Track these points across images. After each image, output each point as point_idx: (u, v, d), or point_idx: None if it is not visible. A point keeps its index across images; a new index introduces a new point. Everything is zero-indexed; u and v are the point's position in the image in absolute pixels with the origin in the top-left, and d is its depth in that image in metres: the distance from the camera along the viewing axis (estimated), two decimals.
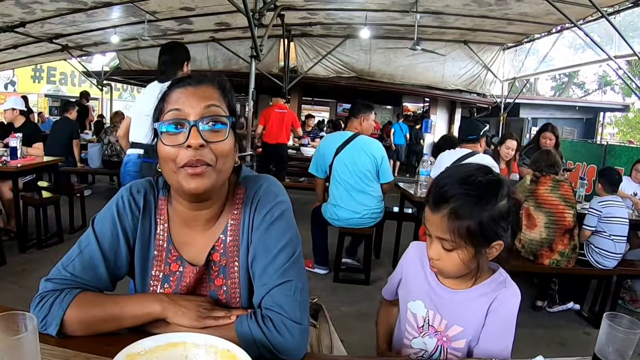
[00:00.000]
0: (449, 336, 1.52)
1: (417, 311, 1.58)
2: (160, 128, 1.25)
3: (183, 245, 1.41)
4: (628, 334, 1.22)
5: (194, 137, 1.21)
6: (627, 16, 7.93)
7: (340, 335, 1.79)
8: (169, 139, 1.25)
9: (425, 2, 8.83)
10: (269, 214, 1.38)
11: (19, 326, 0.95)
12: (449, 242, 1.39)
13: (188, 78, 1.32)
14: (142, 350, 1.07)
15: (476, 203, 1.35)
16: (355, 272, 5.43)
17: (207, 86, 1.31)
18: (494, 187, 1.39)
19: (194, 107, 1.25)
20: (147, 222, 1.42)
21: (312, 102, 23.01)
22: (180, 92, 1.28)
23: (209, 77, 1.34)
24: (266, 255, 1.35)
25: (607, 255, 4.33)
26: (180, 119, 1.24)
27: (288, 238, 1.37)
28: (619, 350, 1.23)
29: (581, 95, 33.05)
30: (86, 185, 7.61)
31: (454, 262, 1.42)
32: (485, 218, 1.35)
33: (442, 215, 1.38)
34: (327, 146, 5.15)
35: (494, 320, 1.47)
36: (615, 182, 4.62)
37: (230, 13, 9.33)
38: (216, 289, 1.41)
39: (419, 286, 1.59)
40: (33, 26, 9.86)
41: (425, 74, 12.80)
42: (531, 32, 10.83)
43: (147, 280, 1.42)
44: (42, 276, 1.31)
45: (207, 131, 1.25)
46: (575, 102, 21.82)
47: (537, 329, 4.41)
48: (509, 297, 1.48)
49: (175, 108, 1.25)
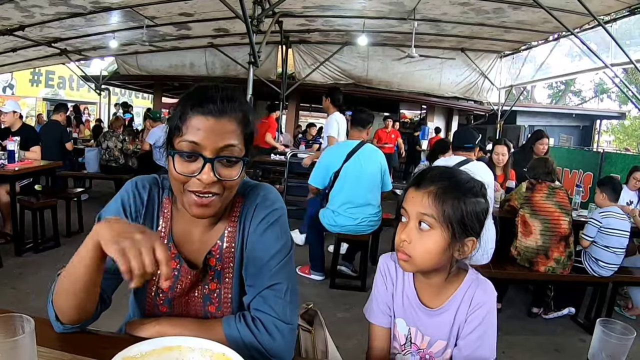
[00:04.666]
0: (433, 352, 1.52)
1: (399, 329, 1.57)
2: (174, 153, 1.26)
3: (182, 244, 1.44)
4: (621, 339, 1.24)
5: (207, 173, 1.23)
6: (624, 24, 7.96)
7: (336, 341, 1.80)
8: (181, 165, 1.25)
9: (422, 9, 8.85)
10: (264, 220, 1.40)
11: (16, 328, 0.96)
12: (429, 217, 1.37)
13: (212, 102, 1.26)
14: (138, 354, 1.08)
15: (460, 189, 1.38)
16: (351, 279, 5.43)
17: (228, 120, 1.27)
18: (477, 186, 1.42)
19: (212, 144, 1.24)
20: (150, 217, 1.44)
21: (310, 109, 23.03)
22: (200, 120, 1.24)
23: (232, 107, 1.28)
24: (260, 259, 1.37)
25: (605, 266, 4.33)
26: (196, 153, 1.24)
27: (282, 243, 1.40)
28: (612, 356, 1.25)
29: (578, 103, 33.16)
30: (83, 189, 7.59)
31: (425, 247, 1.38)
32: (467, 206, 1.37)
33: (426, 191, 1.38)
34: (333, 156, 5.16)
35: (475, 323, 1.46)
36: (619, 190, 4.64)
37: (228, 19, 9.35)
38: (210, 292, 1.44)
39: (398, 304, 1.57)
40: (32, 30, 9.89)
41: (422, 81, 12.82)
42: (528, 40, 10.87)
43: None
44: (38, 279, 1.33)
45: (221, 167, 1.26)
46: (571, 110, 21.89)
47: (533, 335, 4.43)
48: (485, 296, 1.48)
49: (193, 141, 1.24)
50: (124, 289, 1.52)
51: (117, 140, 8.22)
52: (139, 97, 26.07)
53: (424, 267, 1.44)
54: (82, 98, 21.43)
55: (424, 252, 1.39)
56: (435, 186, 1.38)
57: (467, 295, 1.48)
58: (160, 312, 1.46)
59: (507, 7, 8.20)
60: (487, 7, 8.37)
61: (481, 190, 1.43)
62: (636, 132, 26.94)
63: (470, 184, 1.41)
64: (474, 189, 1.40)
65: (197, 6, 8.92)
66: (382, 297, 1.59)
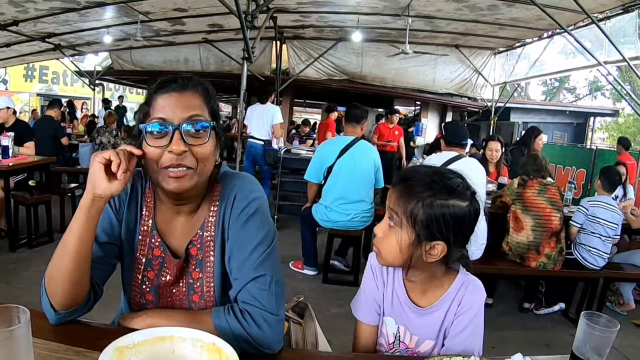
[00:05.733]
0: (421, 352, 1.53)
1: (388, 327, 1.58)
2: (145, 129, 1.31)
3: (166, 233, 1.47)
4: (605, 332, 1.25)
5: (177, 143, 1.28)
6: (618, 22, 7.96)
7: (330, 336, 1.82)
8: (152, 140, 1.30)
9: (417, 6, 8.84)
10: (244, 210, 1.43)
11: (12, 319, 0.98)
12: (395, 214, 1.39)
13: (173, 82, 1.34)
14: (131, 344, 1.11)
15: (430, 189, 1.36)
16: (344, 274, 5.45)
17: (190, 93, 1.34)
18: (456, 187, 1.39)
19: (178, 116, 1.30)
20: (134, 206, 1.48)
21: (304, 105, 23.02)
22: (164, 98, 1.32)
23: (193, 83, 1.36)
24: (242, 251, 1.40)
25: (595, 253, 4.40)
26: (165, 123, 1.29)
27: (263, 234, 1.42)
28: (596, 348, 1.26)
29: (572, 100, 33.21)
30: (77, 185, 7.58)
31: (390, 242, 1.40)
32: (433, 207, 1.34)
33: (397, 188, 1.41)
34: (327, 151, 5.18)
35: (465, 323, 1.48)
36: (615, 182, 4.70)
37: (223, 15, 9.30)
38: (193, 281, 1.47)
39: (388, 301, 1.57)
40: (26, 25, 9.82)
41: (416, 77, 12.80)
42: (522, 37, 10.86)
43: (133, 263, 1.48)
44: (32, 275, 1.36)
45: (189, 135, 1.30)
46: (565, 107, 21.90)
47: (524, 330, 4.47)
48: (474, 297, 1.49)
49: (160, 117, 1.30)
50: (116, 284, 1.55)
51: (110, 135, 8.23)
52: (133, 92, 25.96)
53: (391, 263, 1.47)
54: (76, 93, 21.37)
55: (387, 247, 1.43)
56: (405, 185, 1.39)
57: (458, 295, 1.49)
58: (146, 300, 1.49)
59: (501, 4, 8.19)
60: (481, 4, 8.37)
61: (461, 192, 1.39)
62: (630, 129, 27.00)
63: (446, 185, 1.37)
64: (450, 191, 1.37)
65: (191, 2, 8.88)
66: (372, 294, 1.59)
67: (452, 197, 1.36)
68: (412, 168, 1.47)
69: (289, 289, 4.16)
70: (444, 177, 1.39)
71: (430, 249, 1.38)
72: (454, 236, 1.37)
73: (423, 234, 1.36)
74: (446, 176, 1.40)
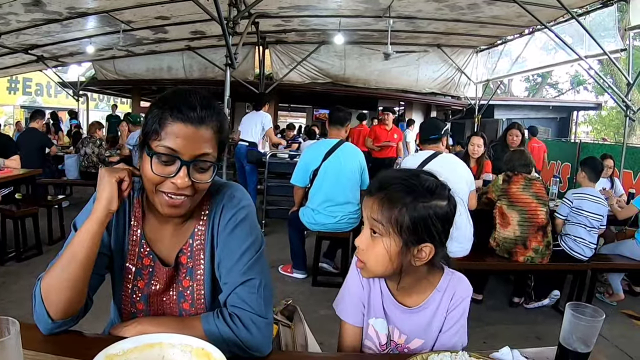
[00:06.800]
0: (410, 348, 1.54)
1: (379, 329, 1.56)
2: (151, 154, 1.30)
3: (154, 242, 1.48)
4: (590, 321, 1.27)
5: (182, 177, 1.29)
6: (597, 16, 8.04)
7: (319, 338, 1.83)
8: (158, 167, 1.30)
9: (398, 7, 8.88)
10: (232, 218, 1.45)
11: (2, 330, 0.98)
12: (379, 224, 1.35)
13: (191, 110, 1.30)
14: (120, 351, 1.11)
15: (411, 193, 1.34)
16: (333, 276, 5.46)
17: (206, 128, 1.31)
18: (435, 187, 1.38)
19: (189, 151, 1.29)
20: (122, 217, 1.48)
21: (289, 109, 23.00)
22: (179, 127, 1.28)
23: (210, 115, 1.33)
24: (231, 257, 1.42)
25: (581, 242, 4.48)
26: (174, 155, 1.29)
27: (252, 239, 1.44)
28: (582, 338, 1.28)
29: (555, 95, 33.39)
30: (64, 196, 7.55)
31: (377, 253, 1.37)
32: (418, 211, 1.33)
33: (376, 197, 1.37)
34: (312, 155, 5.18)
35: (455, 319, 1.50)
36: (598, 170, 4.77)
37: (205, 22, 9.31)
38: (183, 289, 1.49)
39: (376, 302, 1.56)
40: (8, 37, 9.81)
41: (399, 78, 12.89)
42: (503, 34, 10.96)
43: (123, 273, 1.48)
44: (21, 288, 1.36)
45: (195, 171, 1.32)
46: (548, 102, 22.08)
47: (514, 325, 4.49)
48: (463, 293, 1.51)
49: (171, 148, 1.28)
50: (106, 293, 1.55)
51: (94, 145, 8.19)
52: (125, 102, 25.79)
53: (378, 274, 1.45)
54: (60, 104, 21.23)
55: (375, 258, 1.39)
56: (384, 192, 1.36)
57: (447, 292, 1.50)
58: (136, 309, 1.50)
59: (481, 2, 8.27)
60: (461, 3, 8.43)
61: (440, 192, 1.38)
62: (613, 122, 27.14)
63: (425, 187, 1.36)
64: (430, 192, 1.36)
65: (173, 9, 8.87)
66: (358, 295, 1.58)
67: (433, 198, 1.35)
68: (386, 174, 1.43)
69: (278, 293, 4.16)
70: (421, 179, 1.38)
71: (418, 252, 1.36)
72: (439, 235, 1.37)
73: (410, 239, 1.34)
74: (422, 178, 1.39)
